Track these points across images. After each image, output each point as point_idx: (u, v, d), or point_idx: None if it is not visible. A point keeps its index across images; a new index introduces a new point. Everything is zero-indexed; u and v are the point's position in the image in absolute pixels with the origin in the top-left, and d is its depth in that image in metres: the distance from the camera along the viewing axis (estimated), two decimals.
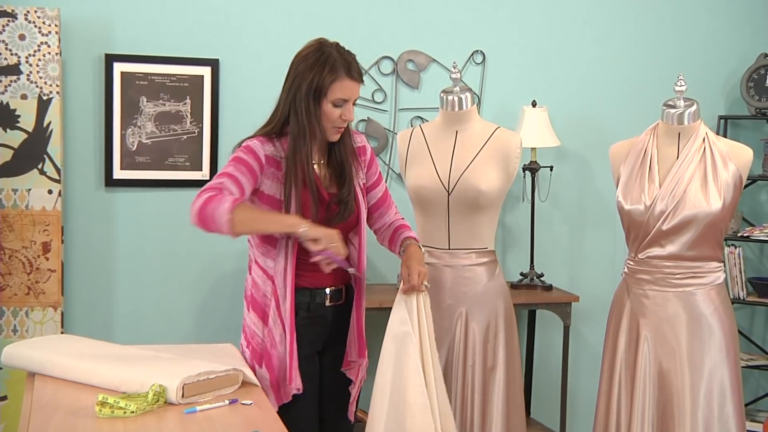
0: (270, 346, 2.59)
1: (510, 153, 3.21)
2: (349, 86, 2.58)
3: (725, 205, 3.00)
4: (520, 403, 3.23)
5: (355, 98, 2.62)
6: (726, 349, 3.02)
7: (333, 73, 2.55)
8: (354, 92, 2.61)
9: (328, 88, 2.55)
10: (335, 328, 2.72)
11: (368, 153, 2.80)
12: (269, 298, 2.59)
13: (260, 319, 2.62)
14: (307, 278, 2.63)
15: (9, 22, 3.49)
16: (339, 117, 2.59)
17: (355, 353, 2.71)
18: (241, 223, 2.42)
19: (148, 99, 3.77)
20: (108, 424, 2.03)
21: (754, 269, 4.63)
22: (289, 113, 2.59)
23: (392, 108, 4.11)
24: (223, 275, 3.94)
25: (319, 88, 2.55)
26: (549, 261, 4.31)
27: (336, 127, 2.61)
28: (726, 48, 4.53)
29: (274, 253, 2.59)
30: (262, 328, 2.62)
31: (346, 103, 2.59)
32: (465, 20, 4.17)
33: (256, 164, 2.55)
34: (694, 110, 3.09)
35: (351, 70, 2.58)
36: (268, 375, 2.59)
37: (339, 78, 2.56)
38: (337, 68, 2.56)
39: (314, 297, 2.66)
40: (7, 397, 3.54)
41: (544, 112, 4.04)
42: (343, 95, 2.57)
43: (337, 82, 2.55)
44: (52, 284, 3.55)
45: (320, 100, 2.56)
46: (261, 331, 2.62)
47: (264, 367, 2.60)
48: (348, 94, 2.58)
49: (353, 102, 2.62)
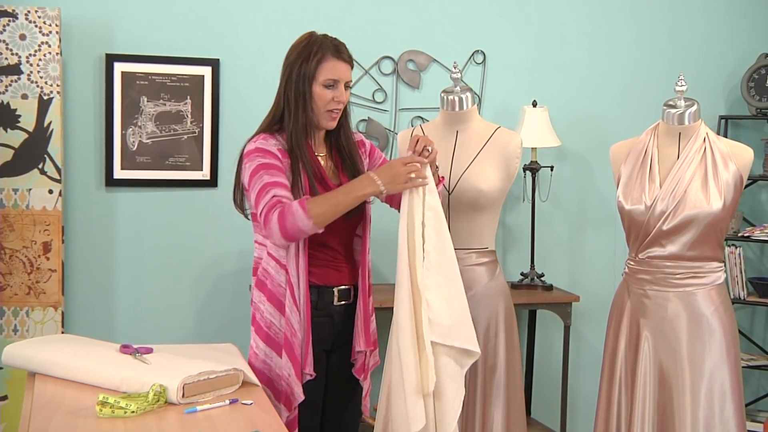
0: (291, 335, 2.58)
1: (510, 153, 3.21)
2: (337, 66, 2.59)
3: (726, 205, 3.00)
4: (520, 403, 3.23)
5: (345, 80, 2.63)
6: (726, 350, 3.02)
7: (320, 54, 2.58)
8: (344, 73, 2.61)
9: (316, 69, 2.57)
10: (343, 327, 2.71)
11: (367, 145, 2.82)
12: (284, 287, 2.59)
13: (277, 310, 2.62)
14: (316, 275, 2.64)
15: (9, 22, 3.49)
16: (332, 99, 2.60)
17: (362, 342, 2.68)
18: (322, 216, 2.46)
19: (149, 99, 3.77)
20: (108, 424, 2.03)
21: (754, 269, 4.63)
22: (284, 104, 2.61)
23: (393, 108, 4.11)
24: (224, 275, 3.94)
25: (308, 71, 2.58)
26: (549, 261, 4.31)
27: (329, 110, 2.61)
28: (726, 48, 4.53)
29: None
30: (279, 318, 2.61)
31: (337, 84, 2.60)
32: (465, 20, 4.17)
33: (277, 161, 2.57)
34: (695, 110, 3.09)
35: (339, 51, 2.61)
36: (292, 364, 2.57)
37: (326, 58, 2.58)
38: (325, 50, 2.59)
39: (322, 295, 2.66)
40: (7, 397, 3.54)
41: (545, 112, 4.04)
42: (333, 75, 2.58)
43: (324, 62, 2.58)
44: (52, 284, 3.55)
45: (311, 84, 2.58)
46: (278, 321, 2.61)
47: (285, 356, 2.58)
48: (338, 74, 2.59)
49: (345, 84, 2.63)
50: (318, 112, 2.61)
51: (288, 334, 2.58)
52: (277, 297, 2.61)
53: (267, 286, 2.62)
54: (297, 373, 2.57)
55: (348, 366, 2.73)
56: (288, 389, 2.57)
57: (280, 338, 2.60)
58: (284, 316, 2.59)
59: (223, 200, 3.84)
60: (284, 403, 2.58)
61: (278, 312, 2.61)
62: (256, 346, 2.66)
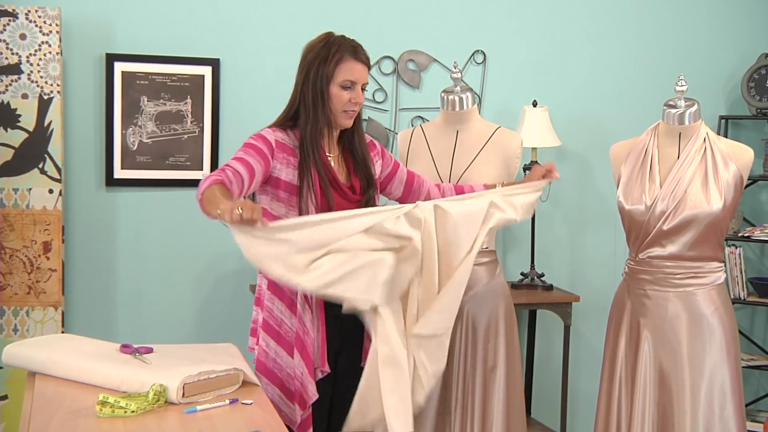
0: (303, 333, 2.57)
1: (511, 153, 3.21)
2: (355, 68, 2.60)
3: (726, 205, 3.00)
4: (520, 403, 3.23)
5: (363, 82, 2.64)
6: (727, 350, 3.01)
7: (338, 55, 2.58)
8: (361, 74, 2.62)
9: (335, 70, 2.58)
10: (352, 327, 2.67)
11: (378, 147, 2.83)
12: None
13: (287, 308, 2.61)
14: None
15: (10, 22, 3.49)
16: (349, 100, 2.60)
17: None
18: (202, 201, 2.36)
19: (149, 98, 3.77)
20: (108, 424, 2.03)
21: (754, 269, 4.63)
22: (300, 102, 2.62)
23: (393, 108, 4.11)
24: (224, 275, 3.94)
25: (326, 72, 2.58)
26: (549, 261, 4.31)
27: (346, 111, 2.62)
28: (727, 48, 4.53)
29: None
30: (290, 317, 2.61)
31: (354, 86, 2.61)
32: (466, 20, 4.17)
33: (266, 148, 2.56)
34: (695, 110, 3.09)
35: (357, 52, 2.62)
36: (305, 363, 2.57)
37: (344, 60, 2.58)
38: (343, 51, 2.59)
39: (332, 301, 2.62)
40: (7, 397, 3.54)
41: (545, 112, 4.04)
42: (351, 77, 2.59)
43: (343, 63, 2.58)
44: (52, 284, 3.55)
45: (328, 85, 2.59)
46: (289, 320, 2.61)
47: (297, 355, 2.57)
48: (356, 76, 2.60)
49: (362, 86, 2.63)
50: (335, 111, 2.61)
51: (300, 332, 2.57)
52: (288, 295, 2.61)
53: (278, 284, 2.60)
54: (310, 371, 2.57)
55: (356, 367, 2.70)
56: (302, 388, 2.57)
57: (291, 337, 2.60)
58: (295, 314, 2.59)
59: None
60: (298, 402, 2.58)
61: (289, 311, 2.61)
62: (266, 345, 2.65)
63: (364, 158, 2.70)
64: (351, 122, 2.66)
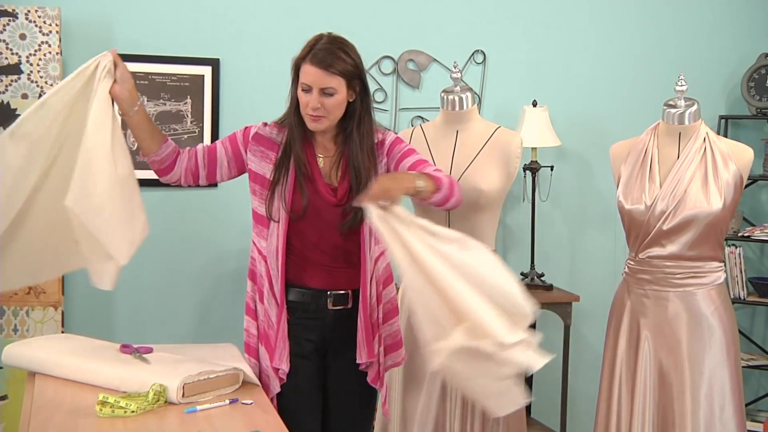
0: (267, 327, 2.58)
1: (511, 153, 3.20)
2: (309, 71, 2.51)
3: (726, 205, 3.00)
4: None
5: (319, 86, 2.50)
6: (726, 349, 3.02)
7: (300, 58, 2.55)
8: (315, 78, 2.50)
9: (298, 72, 2.56)
10: (340, 333, 2.65)
11: (386, 144, 2.70)
12: (263, 278, 2.59)
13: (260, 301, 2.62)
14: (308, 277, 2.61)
15: (10, 22, 3.49)
16: (306, 104, 2.54)
17: (363, 354, 2.61)
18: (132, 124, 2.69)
19: (149, 98, 3.77)
20: (108, 424, 2.03)
21: (754, 269, 4.63)
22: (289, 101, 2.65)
23: (393, 108, 4.11)
24: (223, 275, 3.94)
25: (294, 74, 2.58)
26: (549, 261, 4.31)
27: (308, 114, 2.55)
28: (726, 48, 4.53)
29: (266, 233, 2.58)
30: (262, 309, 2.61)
31: (311, 89, 2.52)
32: (466, 20, 4.17)
33: (241, 138, 2.65)
34: (695, 110, 3.09)
35: (312, 55, 2.51)
36: (268, 355, 2.57)
37: (303, 62, 2.53)
38: (304, 52, 2.54)
39: (316, 298, 2.62)
40: (7, 397, 3.54)
41: (545, 111, 4.04)
42: (305, 80, 2.52)
43: (302, 66, 2.54)
44: (52, 284, 3.55)
45: (295, 87, 2.59)
46: (262, 312, 2.61)
47: (263, 346, 2.59)
48: (309, 80, 2.51)
49: (323, 91, 2.51)
50: (303, 114, 2.57)
51: (265, 325, 2.59)
52: (259, 287, 2.62)
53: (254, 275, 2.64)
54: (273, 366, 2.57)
55: (354, 375, 2.67)
56: (266, 380, 2.57)
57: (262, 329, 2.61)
58: (263, 304, 2.60)
59: (223, 200, 3.85)
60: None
61: (258, 301, 2.62)
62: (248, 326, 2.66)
63: (357, 164, 2.60)
64: (316, 126, 2.56)
